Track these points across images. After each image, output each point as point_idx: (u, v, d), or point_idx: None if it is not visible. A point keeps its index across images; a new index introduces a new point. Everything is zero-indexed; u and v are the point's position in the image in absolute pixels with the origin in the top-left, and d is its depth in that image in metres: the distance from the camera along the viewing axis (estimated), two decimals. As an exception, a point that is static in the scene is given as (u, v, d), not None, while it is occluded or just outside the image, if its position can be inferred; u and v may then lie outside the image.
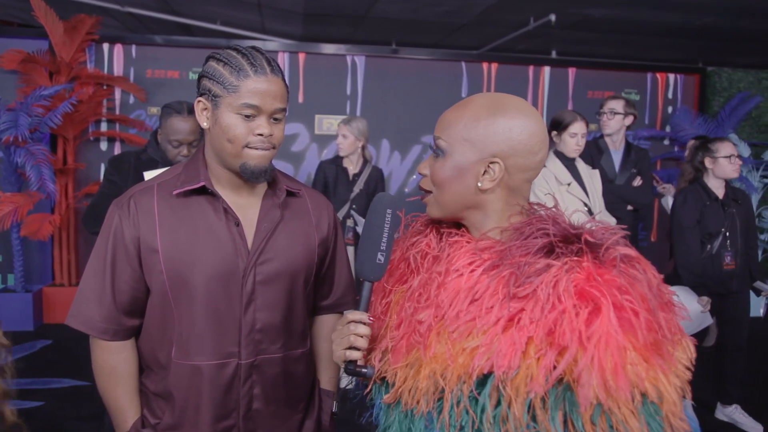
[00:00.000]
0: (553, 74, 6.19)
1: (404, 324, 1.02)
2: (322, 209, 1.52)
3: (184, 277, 1.33)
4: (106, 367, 1.40)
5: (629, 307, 0.84)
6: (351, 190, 4.02)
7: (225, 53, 1.31)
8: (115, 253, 1.36)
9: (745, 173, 6.04)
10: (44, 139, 5.13)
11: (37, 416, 3.48)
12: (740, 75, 6.43)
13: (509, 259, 0.93)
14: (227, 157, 1.32)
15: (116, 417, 1.41)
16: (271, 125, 1.31)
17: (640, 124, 6.23)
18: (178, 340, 1.36)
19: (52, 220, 4.90)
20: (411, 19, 5.28)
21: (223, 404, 1.37)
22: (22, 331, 4.98)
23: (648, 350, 0.84)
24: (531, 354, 0.85)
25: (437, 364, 0.94)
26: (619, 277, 0.87)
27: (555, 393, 0.85)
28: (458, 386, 0.91)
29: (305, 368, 1.51)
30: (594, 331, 0.83)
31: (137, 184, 1.43)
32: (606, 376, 0.81)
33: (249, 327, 1.37)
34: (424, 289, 1.01)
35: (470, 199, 1.02)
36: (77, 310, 1.39)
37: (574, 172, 3.20)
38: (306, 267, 1.46)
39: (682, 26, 5.12)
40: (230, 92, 1.27)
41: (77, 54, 5.21)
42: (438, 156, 1.03)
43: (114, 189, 2.52)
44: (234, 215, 1.36)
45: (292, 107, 5.73)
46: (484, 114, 0.99)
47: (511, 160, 0.99)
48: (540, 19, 4.99)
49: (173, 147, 2.48)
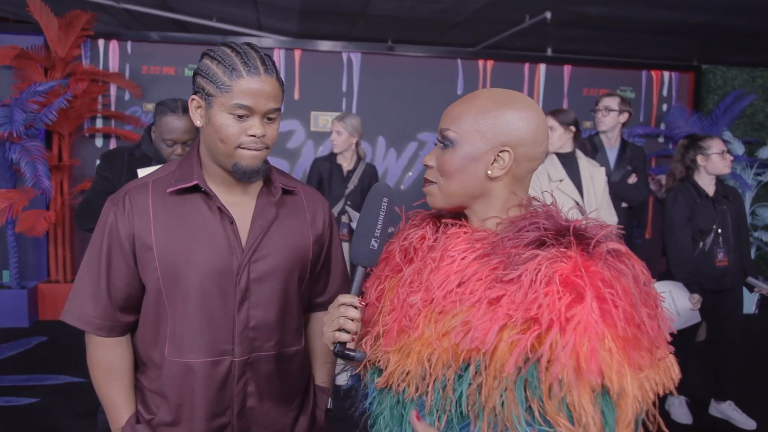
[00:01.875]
0: (548, 72, 6.21)
1: (396, 309, 1.05)
2: (317, 206, 1.52)
3: (178, 274, 1.34)
4: (102, 363, 1.40)
5: (610, 300, 0.86)
6: (345, 186, 4.03)
7: (219, 51, 1.30)
8: (111, 250, 1.36)
9: (738, 171, 6.07)
10: (39, 136, 5.12)
11: (32, 412, 3.48)
12: (735, 73, 6.46)
13: (500, 249, 0.97)
14: (220, 156, 1.32)
15: (111, 412, 1.41)
16: (264, 125, 1.30)
17: (634, 122, 6.25)
18: (171, 338, 1.36)
19: (47, 216, 4.89)
20: (407, 17, 5.29)
21: (217, 402, 1.37)
22: (17, 328, 4.98)
23: (626, 343, 0.86)
24: (504, 337, 0.88)
25: (424, 346, 0.97)
26: (604, 269, 0.89)
27: (525, 371, 0.87)
28: (443, 370, 0.94)
29: (300, 365, 1.51)
30: (574, 314, 0.85)
31: (132, 181, 1.43)
32: (579, 358, 0.84)
33: (243, 324, 1.37)
34: (417, 275, 1.05)
35: (478, 188, 1.05)
36: (73, 306, 1.39)
37: (572, 169, 3.19)
38: (300, 264, 1.46)
39: (677, 24, 5.14)
40: (223, 92, 1.26)
41: (72, 50, 5.20)
42: (447, 147, 1.06)
43: (107, 185, 2.51)
44: (228, 213, 1.36)
45: (288, 104, 5.74)
46: (493, 106, 1.04)
47: (520, 149, 1.03)
48: (535, 17, 4.99)
49: (167, 146, 2.46)
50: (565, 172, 3.16)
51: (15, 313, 5.05)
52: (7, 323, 5.01)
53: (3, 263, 5.37)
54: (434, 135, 5.95)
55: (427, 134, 6.00)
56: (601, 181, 3.24)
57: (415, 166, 6.04)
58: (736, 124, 6.41)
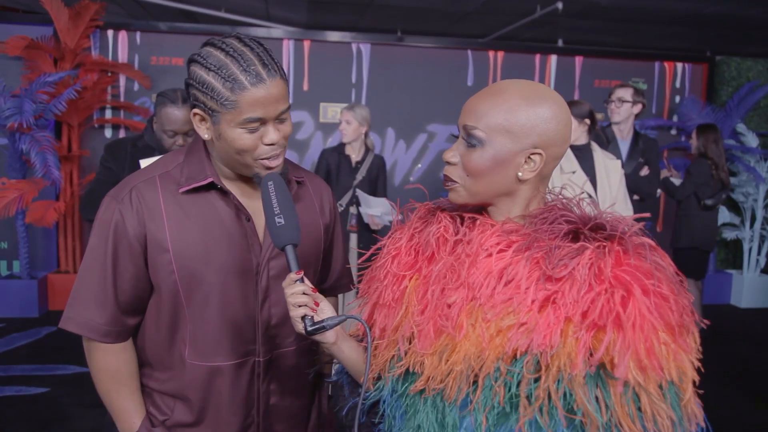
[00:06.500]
0: (559, 63, 6.14)
1: (430, 308, 1.01)
2: (323, 194, 1.49)
3: (197, 275, 1.28)
4: (110, 370, 1.33)
5: (657, 291, 0.87)
6: (354, 177, 4.01)
7: (211, 57, 1.18)
8: (117, 251, 1.27)
9: (753, 163, 6.00)
10: (49, 126, 5.13)
11: (42, 402, 3.50)
12: (749, 64, 6.37)
13: (539, 242, 0.94)
14: (238, 167, 1.26)
15: (122, 418, 1.34)
16: (277, 127, 1.23)
17: (647, 114, 6.18)
18: (191, 341, 1.31)
19: (57, 207, 4.91)
20: (416, 7, 5.25)
21: (243, 403, 1.35)
22: (27, 318, 5.01)
23: (676, 332, 0.88)
24: (570, 334, 0.87)
25: (471, 345, 0.93)
26: (644, 262, 0.89)
27: (589, 373, 0.87)
28: (496, 366, 0.91)
29: (310, 357, 1.49)
30: (629, 312, 0.85)
31: (134, 174, 1.35)
32: (641, 357, 0.84)
33: (266, 323, 1.34)
34: (451, 271, 1.00)
35: (506, 188, 1.02)
36: (75, 312, 1.30)
37: (586, 162, 3.15)
38: (316, 257, 1.44)
39: (691, 14, 5.07)
40: (229, 108, 1.16)
41: (82, 40, 5.19)
42: (474, 146, 1.00)
43: (111, 176, 2.50)
44: (245, 211, 1.31)
45: (297, 95, 5.71)
46: (523, 104, 0.98)
47: (550, 149, 1.00)
48: (547, 7, 4.95)
49: (168, 137, 2.44)
50: (578, 164, 3.12)
51: (25, 303, 5.08)
52: (17, 313, 5.04)
53: (13, 254, 5.40)
54: (444, 127, 5.92)
55: (437, 126, 5.97)
56: (617, 174, 3.20)
57: (425, 158, 6.01)
58: (750, 116, 6.33)
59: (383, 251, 1.16)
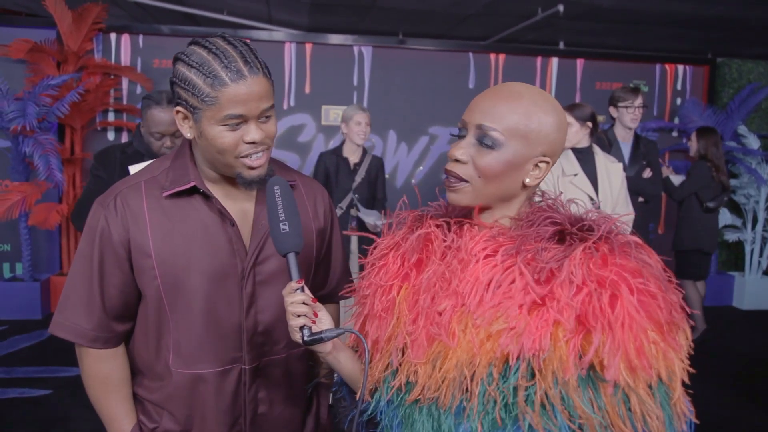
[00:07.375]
0: (561, 65, 6.15)
1: (421, 317, 1.00)
2: (317, 197, 1.47)
3: (179, 281, 1.26)
4: (99, 376, 1.32)
5: (645, 290, 0.87)
6: (353, 179, 4.01)
7: (194, 55, 1.17)
8: (103, 256, 1.27)
9: (754, 165, 6.00)
10: (52, 129, 5.15)
11: (45, 404, 3.51)
12: (750, 66, 6.37)
13: (526, 245, 0.95)
14: (221, 167, 1.25)
15: (112, 426, 1.34)
16: (260, 126, 1.21)
17: (648, 116, 6.19)
18: (175, 348, 1.29)
19: (60, 209, 4.92)
20: (418, 10, 5.26)
21: (229, 411, 1.33)
22: (30, 320, 5.02)
23: (665, 330, 0.88)
24: (560, 337, 0.87)
25: (463, 352, 0.93)
26: (629, 261, 0.90)
27: (581, 376, 0.87)
28: (488, 371, 0.91)
29: (305, 365, 1.47)
30: (617, 313, 0.85)
31: (121, 181, 1.34)
32: (631, 357, 0.84)
33: (251, 330, 1.32)
34: (441, 280, 1.00)
35: (511, 193, 1.02)
36: (63, 318, 1.29)
37: (588, 165, 3.15)
38: (306, 262, 1.40)
39: (692, 16, 5.08)
40: (209, 105, 1.15)
41: (84, 43, 5.22)
42: (489, 147, 0.98)
43: (101, 185, 2.44)
44: (229, 215, 1.29)
45: (299, 98, 5.73)
46: (536, 110, 0.98)
47: (553, 158, 1.01)
48: (548, 10, 4.95)
49: (156, 139, 2.41)
50: (579, 166, 3.13)
51: (28, 305, 5.09)
52: (20, 315, 5.05)
53: (16, 256, 5.41)
54: (446, 129, 5.92)
55: (438, 128, 5.97)
56: (618, 176, 3.21)
57: (426, 161, 6.02)
58: (751, 118, 6.33)
59: (370, 261, 1.15)
